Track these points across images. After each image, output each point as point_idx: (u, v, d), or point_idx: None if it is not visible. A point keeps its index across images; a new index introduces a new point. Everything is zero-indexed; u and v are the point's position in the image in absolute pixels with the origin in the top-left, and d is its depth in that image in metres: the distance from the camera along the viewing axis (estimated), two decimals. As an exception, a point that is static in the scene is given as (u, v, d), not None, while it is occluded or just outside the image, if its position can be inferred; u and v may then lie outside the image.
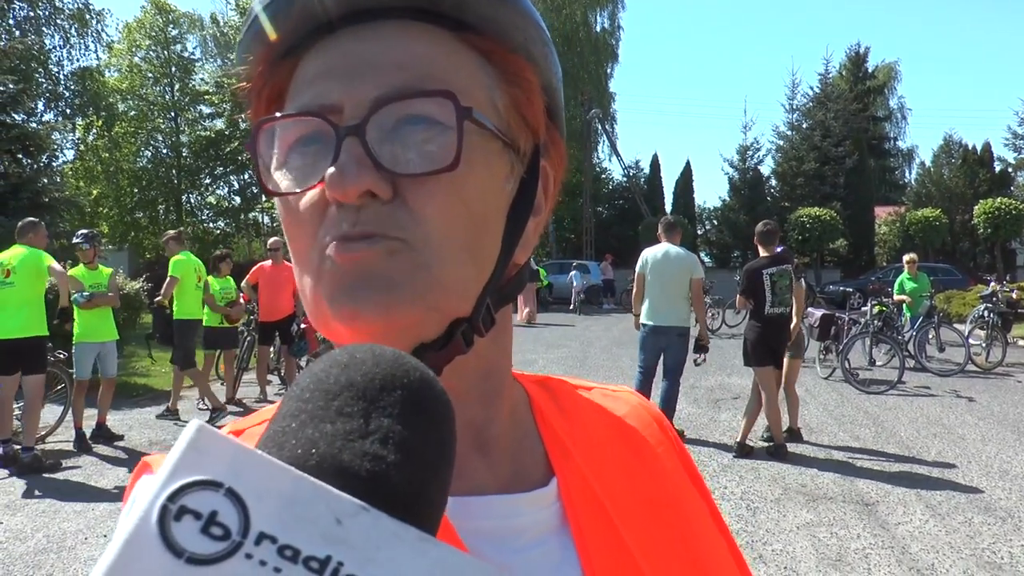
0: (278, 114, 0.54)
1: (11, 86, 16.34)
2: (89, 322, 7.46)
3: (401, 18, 0.54)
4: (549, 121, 0.61)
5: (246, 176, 33.08)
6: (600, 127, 37.13)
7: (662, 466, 0.68)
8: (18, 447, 6.71)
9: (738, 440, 7.08)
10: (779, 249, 7.25)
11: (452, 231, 0.52)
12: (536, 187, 0.60)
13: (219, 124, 32.78)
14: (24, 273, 6.58)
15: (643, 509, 0.63)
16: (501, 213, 0.56)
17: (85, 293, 7.43)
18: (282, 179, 0.54)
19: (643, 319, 7.52)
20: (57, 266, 6.82)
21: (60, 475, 6.54)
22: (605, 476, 0.63)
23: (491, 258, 0.56)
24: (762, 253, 7.18)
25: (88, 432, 7.51)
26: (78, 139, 31.53)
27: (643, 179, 38.60)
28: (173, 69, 32.82)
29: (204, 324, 9.29)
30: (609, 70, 40.81)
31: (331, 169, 0.49)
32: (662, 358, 7.48)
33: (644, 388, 7.50)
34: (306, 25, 0.54)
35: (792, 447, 7.17)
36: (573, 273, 25.96)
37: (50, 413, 7.55)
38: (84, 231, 8.04)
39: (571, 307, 25.22)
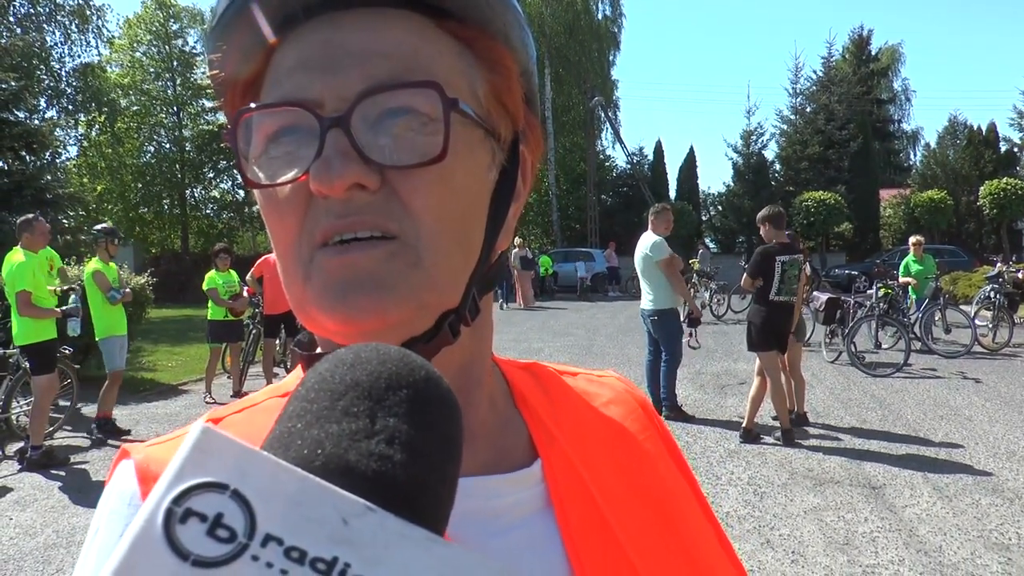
0: (259, 104, 0.52)
1: (13, 83, 16.37)
2: (113, 316, 7.57)
3: (379, 5, 0.53)
4: (526, 106, 0.61)
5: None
6: (603, 115, 36.98)
7: (647, 450, 0.68)
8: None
9: (744, 426, 7.07)
10: (786, 234, 7.24)
11: (443, 223, 0.52)
12: (517, 174, 0.60)
13: (221, 118, 32.44)
14: (8, 285, 6.60)
15: (628, 492, 0.63)
16: (485, 202, 0.56)
17: (123, 290, 7.62)
18: (263, 170, 0.53)
19: None
20: (22, 292, 6.55)
21: (68, 471, 6.58)
22: (590, 459, 0.63)
23: (477, 247, 0.56)
24: (772, 238, 7.12)
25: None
26: (81, 135, 31.54)
27: (647, 166, 38.44)
28: (175, 64, 32.83)
29: (209, 318, 9.33)
30: (611, 58, 40.63)
31: (316, 162, 0.49)
32: None
33: (649, 369, 7.96)
34: (282, 11, 0.52)
35: (798, 431, 7.16)
36: (578, 264, 27.57)
37: (57, 409, 7.57)
38: (108, 226, 8.04)
39: (577, 293, 26.75)
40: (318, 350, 0.61)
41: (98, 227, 8.02)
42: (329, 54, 0.51)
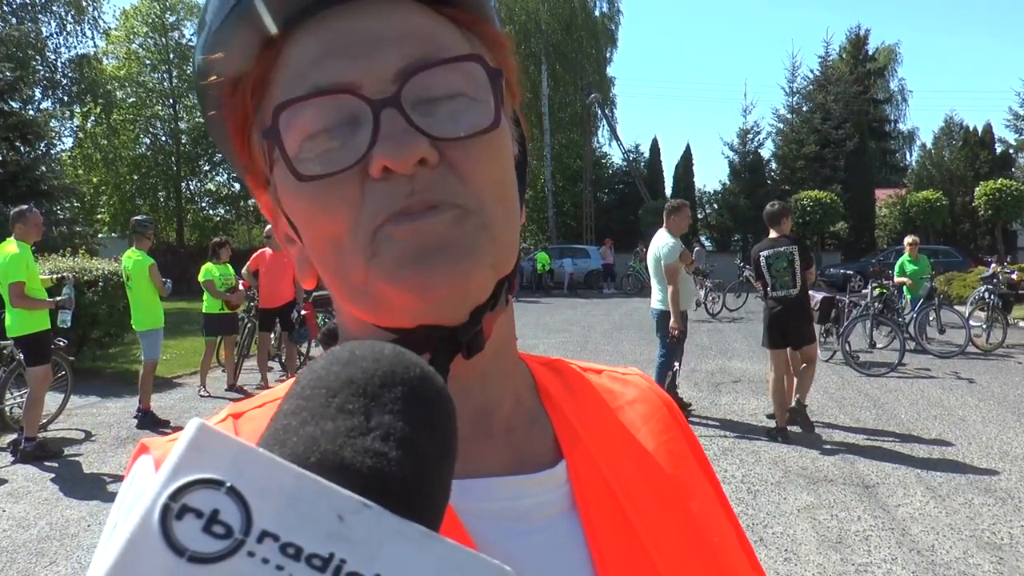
0: (298, 96, 0.50)
1: (8, 74, 16.34)
2: (159, 308, 7.92)
3: None
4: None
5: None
6: (600, 112, 36.99)
7: (670, 451, 0.67)
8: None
9: (778, 425, 7.08)
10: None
11: (498, 192, 0.53)
12: (525, 148, 0.62)
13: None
14: (1, 277, 6.55)
15: (651, 493, 0.62)
16: (514, 173, 0.58)
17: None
18: (307, 162, 0.50)
19: None
20: (15, 284, 6.53)
21: (62, 463, 6.57)
22: (614, 459, 0.62)
23: (517, 216, 0.57)
24: (771, 234, 7.22)
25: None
26: (76, 127, 31.45)
27: (643, 163, 38.46)
28: (171, 56, 32.64)
29: (204, 311, 9.31)
30: (608, 55, 40.62)
31: (380, 142, 0.48)
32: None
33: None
34: (288, 8, 0.52)
35: (792, 429, 7.17)
36: (565, 260, 28.59)
37: (52, 401, 7.55)
38: (149, 216, 8.31)
39: (564, 289, 27.57)
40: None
41: (141, 217, 8.16)
42: (353, 40, 0.51)
